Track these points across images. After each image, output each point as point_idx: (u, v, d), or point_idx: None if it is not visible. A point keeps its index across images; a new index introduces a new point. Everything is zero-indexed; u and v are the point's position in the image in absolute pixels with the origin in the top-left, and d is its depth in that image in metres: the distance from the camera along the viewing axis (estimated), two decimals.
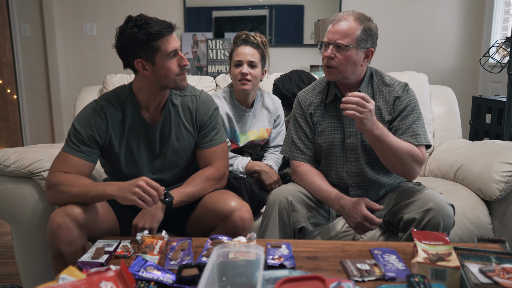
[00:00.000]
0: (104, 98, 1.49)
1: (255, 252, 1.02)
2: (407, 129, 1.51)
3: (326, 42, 1.52)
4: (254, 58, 1.83)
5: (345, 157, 1.61)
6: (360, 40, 1.49)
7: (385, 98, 1.57)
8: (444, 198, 1.43)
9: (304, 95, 1.68)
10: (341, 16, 1.51)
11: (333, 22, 1.52)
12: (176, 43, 1.41)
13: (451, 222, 1.40)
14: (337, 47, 1.49)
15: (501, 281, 1.01)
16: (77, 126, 1.42)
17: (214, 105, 1.59)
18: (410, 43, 3.51)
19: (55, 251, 1.28)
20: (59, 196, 1.33)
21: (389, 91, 1.57)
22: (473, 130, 2.91)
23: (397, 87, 1.58)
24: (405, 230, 1.45)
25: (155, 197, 1.27)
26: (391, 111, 1.56)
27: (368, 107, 1.35)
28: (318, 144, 1.64)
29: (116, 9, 3.54)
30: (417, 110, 1.55)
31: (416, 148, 1.48)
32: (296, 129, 1.67)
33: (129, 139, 1.48)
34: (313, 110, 1.64)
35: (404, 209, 1.46)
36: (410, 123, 1.52)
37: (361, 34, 1.48)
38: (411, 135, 1.50)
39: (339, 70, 1.51)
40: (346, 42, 1.47)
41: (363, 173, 1.60)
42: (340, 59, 1.49)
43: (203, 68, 3.55)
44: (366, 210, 1.46)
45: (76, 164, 1.39)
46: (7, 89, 3.70)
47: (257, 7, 3.58)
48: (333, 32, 1.50)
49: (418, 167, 1.48)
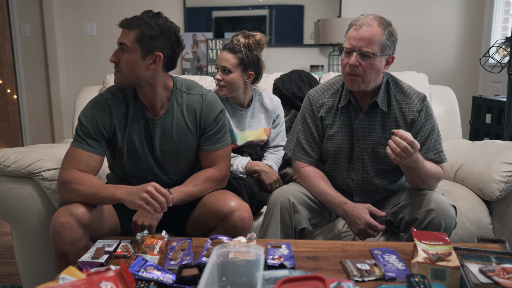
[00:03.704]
0: (109, 91, 1.50)
1: (255, 252, 1.02)
2: (432, 147, 1.51)
3: (349, 49, 1.43)
4: (228, 63, 1.79)
5: (352, 165, 1.58)
6: (385, 47, 1.42)
7: (402, 111, 1.52)
8: (446, 199, 1.42)
9: (317, 95, 1.61)
10: (363, 20, 1.42)
11: (355, 27, 1.42)
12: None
13: (453, 223, 1.40)
14: (361, 54, 1.41)
15: (501, 281, 1.01)
16: (83, 120, 1.45)
17: (220, 107, 1.55)
18: (410, 43, 3.51)
19: (58, 251, 1.28)
20: (70, 194, 1.35)
21: (407, 103, 1.52)
22: (473, 130, 2.91)
23: (416, 99, 1.52)
24: (406, 230, 1.45)
25: (163, 204, 1.27)
26: (409, 127, 1.52)
27: (411, 154, 1.30)
28: (325, 149, 1.61)
29: (116, 9, 3.54)
30: (436, 125, 1.54)
31: (441, 170, 1.49)
32: (304, 129, 1.62)
33: (131, 133, 1.49)
34: (324, 113, 1.59)
35: (405, 209, 1.46)
36: (433, 141, 1.51)
37: (385, 41, 1.41)
38: (436, 153, 1.51)
39: (363, 79, 1.44)
40: (372, 50, 1.40)
41: (369, 181, 1.58)
42: (364, 67, 1.41)
43: (203, 68, 3.55)
44: (370, 217, 1.44)
45: (86, 159, 1.41)
46: (7, 89, 3.70)
47: (257, 7, 3.58)
48: (358, 39, 1.40)
49: (437, 185, 1.52)
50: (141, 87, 1.45)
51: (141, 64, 1.40)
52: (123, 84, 1.44)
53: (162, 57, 1.41)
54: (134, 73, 1.40)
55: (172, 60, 1.46)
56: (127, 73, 1.40)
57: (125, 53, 1.39)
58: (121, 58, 1.40)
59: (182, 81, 1.55)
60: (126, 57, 1.39)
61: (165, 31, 1.40)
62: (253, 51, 1.83)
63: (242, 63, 1.81)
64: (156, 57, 1.40)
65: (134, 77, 1.41)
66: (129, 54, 1.39)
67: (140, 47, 1.38)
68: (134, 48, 1.38)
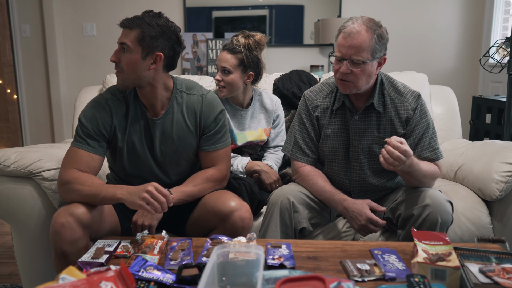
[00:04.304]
0: (109, 92, 1.51)
1: (255, 252, 1.02)
2: (427, 145, 1.52)
3: (340, 57, 1.44)
4: (228, 64, 1.79)
5: (348, 165, 1.59)
6: (375, 51, 1.43)
7: (397, 110, 1.53)
8: (442, 195, 1.43)
9: (312, 95, 1.63)
10: (352, 27, 1.41)
11: (343, 35, 1.42)
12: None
13: (449, 219, 1.40)
14: (352, 62, 1.41)
15: (501, 281, 1.01)
16: (83, 120, 1.45)
17: (220, 107, 1.56)
18: (410, 43, 3.51)
19: (58, 251, 1.28)
20: (70, 194, 1.35)
21: (402, 102, 1.53)
22: (473, 130, 2.91)
23: (410, 98, 1.53)
24: (403, 226, 1.46)
25: (164, 204, 1.27)
26: (404, 125, 1.53)
27: (404, 161, 1.32)
28: (321, 150, 1.62)
29: (116, 9, 3.54)
30: (432, 123, 1.55)
31: (437, 168, 1.50)
32: (300, 129, 1.64)
33: (131, 133, 1.49)
34: (320, 113, 1.60)
35: (402, 206, 1.47)
36: (429, 139, 1.52)
37: (375, 45, 1.42)
38: (431, 150, 1.52)
39: (355, 84, 1.45)
40: (362, 58, 1.40)
41: (367, 181, 1.59)
42: (356, 74, 1.43)
43: (203, 68, 3.55)
44: (370, 213, 1.45)
45: (86, 159, 1.41)
46: (7, 89, 3.70)
47: (257, 7, 3.58)
48: (347, 47, 1.41)
49: (434, 183, 1.53)
50: (141, 87, 1.45)
51: (141, 64, 1.40)
52: (126, 86, 1.44)
53: (162, 57, 1.41)
54: (135, 73, 1.40)
55: (172, 60, 1.46)
56: (128, 73, 1.40)
57: (126, 53, 1.39)
58: (122, 58, 1.40)
59: (182, 81, 1.55)
60: (126, 57, 1.39)
61: (166, 31, 1.40)
62: (253, 51, 1.82)
63: (242, 64, 1.81)
64: (157, 57, 1.40)
65: (135, 77, 1.41)
66: (130, 54, 1.39)
67: (140, 47, 1.39)
68: (135, 48, 1.38)
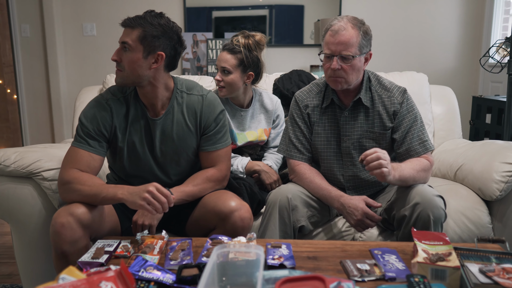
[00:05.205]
0: (110, 92, 1.51)
1: (255, 252, 1.02)
2: (415, 137, 1.54)
3: (329, 55, 1.50)
4: (228, 64, 1.79)
5: (341, 161, 1.63)
6: (362, 47, 1.49)
7: (384, 104, 1.58)
8: (431, 190, 1.43)
9: (302, 95, 1.68)
10: (338, 25, 1.48)
11: (331, 33, 1.49)
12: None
13: (442, 214, 1.39)
14: (342, 58, 1.48)
15: (501, 281, 1.01)
16: (83, 120, 1.45)
17: (220, 108, 1.56)
18: (410, 43, 3.51)
19: (58, 251, 1.29)
20: (71, 194, 1.35)
21: (388, 97, 1.58)
22: (473, 130, 2.91)
23: (396, 92, 1.59)
24: (399, 227, 1.47)
25: (164, 204, 1.27)
26: (392, 119, 1.58)
27: (387, 159, 1.36)
28: (314, 147, 1.65)
29: (116, 9, 3.54)
30: (419, 116, 1.58)
31: (426, 161, 1.51)
32: (293, 128, 1.67)
33: (131, 133, 1.49)
34: (310, 111, 1.65)
35: (395, 206, 1.48)
36: (417, 131, 1.55)
37: (362, 40, 1.48)
38: (419, 143, 1.54)
39: (346, 80, 1.51)
40: (351, 53, 1.47)
41: (359, 176, 1.62)
42: (346, 69, 1.49)
43: (203, 68, 3.55)
44: (366, 207, 1.47)
45: (86, 159, 1.41)
46: (7, 89, 3.70)
47: (257, 7, 3.57)
48: (336, 44, 1.47)
49: (429, 175, 1.53)
50: (142, 86, 1.45)
51: (143, 63, 1.40)
52: (124, 83, 1.44)
53: (164, 57, 1.41)
54: (136, 72, 1.40)
55: (173, 60, 1.46)
56: (129, 72, 1.40)
57: (127, 52, 1.40)
58: (123, 57, 1.40)
59: (182, 81, 1.55)
60: (128, 56, 1.39)
61: (168, 31, 1.41)
62: (252, 51, 1.82)
63: (242, 64, 1.81)
64: (158, 56, 1.41)
65: (136, 76, 1.41)
66: (131, 53, 1.39)
67: (142, 46, 1.39)
68: (136, 47, 1.39)
